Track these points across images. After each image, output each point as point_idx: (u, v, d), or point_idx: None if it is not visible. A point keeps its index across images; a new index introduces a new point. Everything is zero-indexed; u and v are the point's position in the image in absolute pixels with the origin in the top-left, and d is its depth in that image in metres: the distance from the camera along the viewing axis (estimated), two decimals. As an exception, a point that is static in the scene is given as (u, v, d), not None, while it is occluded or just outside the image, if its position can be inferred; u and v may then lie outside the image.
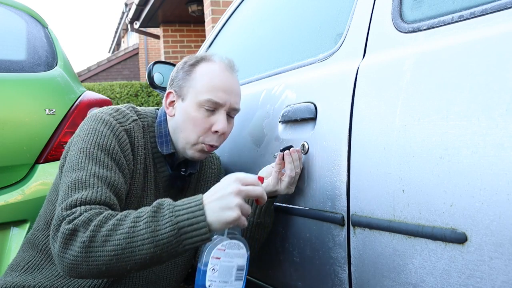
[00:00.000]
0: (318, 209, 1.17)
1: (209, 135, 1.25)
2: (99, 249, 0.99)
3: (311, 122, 1.21)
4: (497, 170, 0.77)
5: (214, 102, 1.23)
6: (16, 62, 1.93)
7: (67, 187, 1.10)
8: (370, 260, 1.02)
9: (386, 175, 0.96)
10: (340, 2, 1.32)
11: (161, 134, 1.29)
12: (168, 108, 1.30)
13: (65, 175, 1.13)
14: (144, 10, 8.21)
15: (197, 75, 1.26)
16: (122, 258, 0.99)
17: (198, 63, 1.28)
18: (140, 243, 0.98)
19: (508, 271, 0.76)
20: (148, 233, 0.98)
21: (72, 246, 1.01)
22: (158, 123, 1.31)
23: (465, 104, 0.83)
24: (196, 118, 1.24)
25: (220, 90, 1.24)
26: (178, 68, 1.32)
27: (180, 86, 1.28)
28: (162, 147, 1.28)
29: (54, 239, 1.04)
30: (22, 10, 2.17)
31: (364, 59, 1.11)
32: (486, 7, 0.87)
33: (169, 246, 0.98)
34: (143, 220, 0.99)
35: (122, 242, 0.98)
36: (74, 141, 1.19)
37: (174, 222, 0.97)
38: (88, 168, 1.12)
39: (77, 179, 1.10)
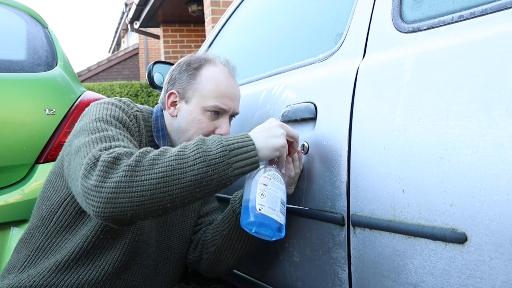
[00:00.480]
0: (318, 209, 1.17)
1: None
2: (146, 172, 0.96)
3: (311, 122, 1.21)
4: (497, 170, 0.77)
5: (220, 108, 1.28)
6: (16, 62, 1.93)
7: (94, 142, 1.05)
8: (370, 260, 1.02)
9: (386, 175, 0.96)
10: (340, 2, 1.32)
11: (157, 128, 1.32)
12: (170, 108, 1.32)
13: (81, 139, 1.08)
14: (144, 10, 8.21)
15: (203, 80, 1.29)
16: (171, 181, 0.96)
17: (202, 67, 1.31)
18: (191, 163, 0.98)
19: (508, 271, 0.76)
20: (200, 153, 0.99)
21: (114, 173, 0.96)
22: (155, 118, 1.33)
23: (465, 104, 0.83)
24: (202, 121, 1.27)
25: (226, 97, 1.28)
26: (180, 68, 1.33)
27: (184, 88, 1.30)
28: (159, 140, 1.30)
29: (88, 176, 0.98)
30: (22, 10, 2.17)
31: (364, 59, 1.11)
32: (486, 7, 0.87)
33: (220, 167, 1.00)
34: (192, 144, 1.02)
35: (172, 163, 0.97)
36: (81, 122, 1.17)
37: (224, 145, 1.02)
38: (112, 129, 1.11)
39: (104, 136, 1.07)
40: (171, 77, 1.35)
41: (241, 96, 1.60)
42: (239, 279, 1.63)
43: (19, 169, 1.79)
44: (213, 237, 1.35)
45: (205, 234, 1.39)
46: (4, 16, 2.12)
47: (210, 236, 1.36)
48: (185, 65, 1.33)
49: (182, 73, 1.32)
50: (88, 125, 1.13)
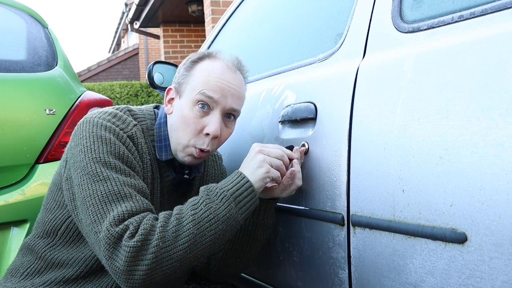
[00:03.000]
0: (318, 209, 1.17)
1: (201, 138, 1.18)
2: (172, 247, 1.01)
3: (311, 122, 1.21)
4: (497, 170, 0.77)
5: (207, 99, 1.16)
6: (16, 62, 1.93)
7: (99, 201, 1.05)
8: (370, 260, 1.02)
9: (386, 175, 0.96)
10: (340, 2, 1.32)
11: (160, 138, 1.24)
12: (167, 106, 1.26)
13: (85, 188, 1.07)
14: (144, 10, 8.21)
15: (196, 72, 1.21)
16: (195, 246, 1.03)
17: (201, 60, 1.23)
18: (207, 225, 1.04)
19: (508, 271, 0.76)
20: (212, 213, 1.05)
21: (143, 257, 0.99)
22: (158, 125, 1.25)
23: (465, 104, 0.83)
24: (189, 117, 1.18)
25: (215, 87, 1.17)
26: (183, 64, 1.27)
27: (179, 82, 1.23)
28: (160, 153, 1.23)
29: (113, 258, 1.01)
30: (22, 10, 2.17)
31: (364, 59, 1.11)
32: (486, 7, 0.87)
33: (231, 219, 1.06)
34: (200, 205, 1.06)
35: (192, 231, 1.03)
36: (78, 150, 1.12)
37: (228, 196, 1.07)
38: (114, 177, 1.08)
39: (108, 191, 1.06)
40: (175, 74, 1.29)
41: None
42: (239, 279, 1.63)
43: (19, 169, 1.79)
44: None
45: None
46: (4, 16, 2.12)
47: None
48: (186, 61, 1.26)
49: (180, 68, 1.26)
50: (87, 165, 1.09)
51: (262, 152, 1.13)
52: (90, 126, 1.14)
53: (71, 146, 1.16)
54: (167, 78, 2.04)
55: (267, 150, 1.14)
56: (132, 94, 9.20)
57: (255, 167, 1.12)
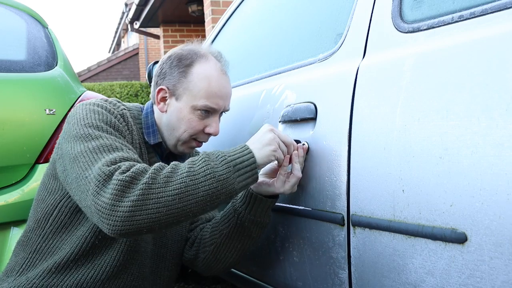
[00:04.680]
0: (318, 209, 1.17)
1: (202, 135, 1.30)
2: (161, 190, 1.01)
3: (311, 122, 1.21)
4: (497, 170, 0.77)
5: (211, 108, 1.27)
6: (16, 62, 1.93)
7: (91, 152, 1.08)
8: (370, 260, 1.02)
9: (386, 175, 0.96)
10: (340, 2, 1.32)
11: (148, 125, 1.31)
12: (160, 104, 1.31)
13: (76, 148, 1.10)
14: (144, 10, 8.21)
15: (194, 78, 1.26)
16: (185, 197, 1.02)
17: (194, 63, 1.28)
18: (203, 179, 1.04)
19: (508, 271, 0.76)
20: (209, 169, 1.05)
21: (130, 192, 0.99)
22: (145, 114, 1.33)
23: (465, 104, 0.83)
24: (192, 120, 1.27)
25: (217, 97, 1.27)
26: (171, 63, 1.30)
27: (174, 85, 1.28)
28: (149, 137, 1.30)
29: (100, 193, 1.00)
30: (22, 10, 2.17)
31: (364, 59, 1.11)
32: (486, 7, 0.86)
33: (227, 182, 1.06)
34: (199, 161, 1.07)
35: (185, 180, 1.02)
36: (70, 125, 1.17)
37: (228, 161, 1.08)
38: (105, 136, 1.12)
39: (100, 144, 1.09)
40: (161, 70, 1.32)
41: (241, 96, 1.61)
42: (239, 279, 1.63)
43: (19, 169, 1.79)
44: (212, 236, 1.34)
45: (203, 232, 1.38)
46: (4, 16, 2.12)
47: (209, 235, 1.35)
48: (176, 60, 1.29)
49: (173, 68, 1.29)
50: (79, 130, 1.13)
51: (273, 131, 1.16)
52: (82, 106, 1.21)
53: (64, 128, 1.21)
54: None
55: (277, 131, 1.17)
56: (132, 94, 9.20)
57: (264, 143, 1.13)
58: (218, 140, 1.63)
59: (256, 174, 1.12)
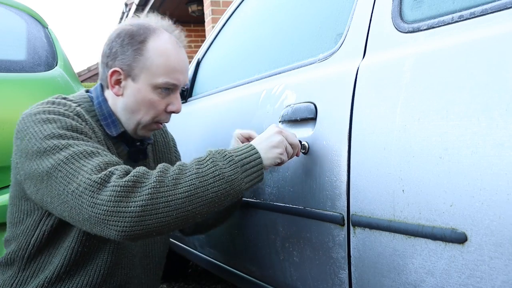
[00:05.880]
0: (318, 209, 1.17)
1: (164, 115, 1.24)
2: (171, 192, 0.97)
3: (311, 122, 1.21)
4: (497, 170, 0.77)
5: (172, 84, 1.20)
6: (16, 62, 1.93)
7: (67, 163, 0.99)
8: (370, 260, 1.02)
9: (386, 175, 0.96)
10: (340, 2, 1.32)
11: (105, 116, 1.23)
12: (114, 87, 1.21)
13: (46, 164, 1.01)
14: (144, 10, 8.21)
15: (151, 55, 1.18)
16: (195, 199, 0.99)
17: (148, 39, 1.19)
18: (212, 180, 1.01)
19: (508, 271, 0.76)
20: (218, 170, 1.03)
21: (136, 196, 0.95)
22: (98, 104, 1.24)
23: (465, 104, 0.83)
24: (153, 100, 1.20)
25: (177, 72, 1.21)
26: (122, 41, 1.19)
27: (129, 65, 1.18)
28: (110, 129, 1.23)
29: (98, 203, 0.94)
30: (22, 10, 2.18)
31: (364, 59, 1.11)
32: (486, 7, 0.86)
33: (235, 183, 1.04)
34: (207, 161, 1.04)
35: (194, 182, 1.00)
36: (25, 142, 1.07)
37: (236, 161, 1.06)
38: (74, 142, 1.04)
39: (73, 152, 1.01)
40: (111, 50, 1.20)
41: (241, 96, 1.61)
42: (239, 279, 1.63)
43: (19, 169, 1.79)
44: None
45: None
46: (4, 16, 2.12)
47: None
48: (127, 37, 1.19)
49: (125, 47, 1.18)
50: (41, 145, 1.04)
51: (281, 133, 1.14)
52: (30, 118, 1.11)
53: (16, 145, 1.11)
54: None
55: (285, 133, 1.15)
56: (132, 94, 9.18)
57: (272, 145, 1.12)
58: (218, 140, 1.63)
59: (263, 173, 1.11)
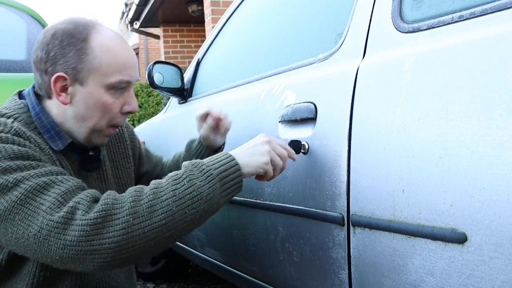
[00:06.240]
0: (318, 209, 1.17)
1: (119, 117, 1.14)
2: (147, 223, 0.92)
3: (311, 122, 1.21)
4: (497, 170, 0.77)
5: (126, 82, 1.11)
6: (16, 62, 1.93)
7: (21, 205, 0.91)
8: (370, 260, 1.02)
9: (386, 175, 0.96)
10: (340, 2, 1.32)
11: (47, 128, 1.10)
12: (60, 95, 1.08)
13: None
14: (144, 10, 8.21)
15: (98, 53, 1.07)
16: (173, 225, 0.94)
17: (90, 36, 1.08)
18: (189, 202, 0.95)
19: (508, 271, 0.76)
20: (196, 190, 0.96)
21: (110, 232, 0.89)
22: (36, 115, 1.11)
23: (465, 104, 0.83)
24: (107, 103, 1.10)
25: (128, 67, 1.11)
26: (60, 42, 1.06)
27: (74, 68, 1.06)
28: (55, 142, 1.10)
29: (68, 241, 0.89)
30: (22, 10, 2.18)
31: (364, 59, 1.11)
32: (486, 7, 0.87)
33: (214, 200, 0.98)
34: (183, 180, 0.97)
35: (171, 206, 0.94)
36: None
37: (214, 175, 0.99)
38: (23, 176, 0.94)
39: (25, 190, 0.92)
40: (49, 54, 1.06)
41: (241, 96, 1.61)
42: (239, 279, 1.63)
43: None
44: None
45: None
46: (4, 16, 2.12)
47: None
48: (67, 37, 1.06)
49: (66, 48, 1.06)
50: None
51: (269, 143, 1.08)
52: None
53: None
54: (167, 78, 2.04)
55: (273, 144, 1.09)
56: (132, 94, 9.20)
57: (256, 153, 1.06)
58: (218, 140, 1.62)
59: (242, 185, 1.05)
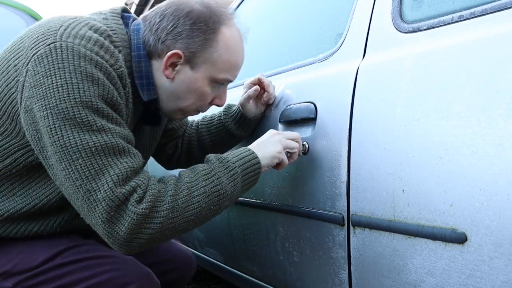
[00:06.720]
0: (318, 209, 1.17)
1: (207, 106, 1.21)
2: (180, 217, 0.98)
3: (311, 122, 1.21)
4: (497, 170, 0.77)
5: (229, 81, 1.17)
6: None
7: (93, 154, 0.93)
8: (370, 260, 1.02)
9: (386, 175, 0.96)
10: (340, 2, 1.32)
11: (141, 75, 1.11)
12: (167, 69, 1.10)
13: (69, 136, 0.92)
14: (144, 10, 8.22)
15: (220, 48, 1.10)
16: (199, 218, 1.02)
17: (220, 29, 1.10)
18: (216, 200, 1.03)
19: (508, 271, 0.76)
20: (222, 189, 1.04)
21: (149, 225, 0.95)
22: (137, 57, 1.10)
23: (465, 104, 0.83)
24: (206, 93, 1.15)
25: (237, 69, 1.18)
26: (192, 25, 1.08)
27: (193, 52, 1.09)
28: (143, 91, 1.12)
29: (113, 221, 0.93)
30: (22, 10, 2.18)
31: (364, 59, 1.11)
32: (486, 7, 0.87)
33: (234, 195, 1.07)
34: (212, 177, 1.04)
35: (201, 204, 1.01)
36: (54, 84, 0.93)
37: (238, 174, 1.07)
38: (109, 128, 0.96)
39: (104, 143, 0.94)
40: (175, 28, 1.07)
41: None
42: (239, 279, 1.63)
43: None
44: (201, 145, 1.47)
45: (191, 144, 1.49)
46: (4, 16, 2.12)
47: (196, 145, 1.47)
48: (201, 22, 1.08)
49: (195, 31, 1.07)
50: (71, 107, 0.92)
51: (278, 134, 1.16)
52: (74, 57, 0.95)
53: (36, 71, 0.94)
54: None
55: (283, 134, 1.17)
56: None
57: (269, 145, 1.14)
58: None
59: (258, 177, 1.13)
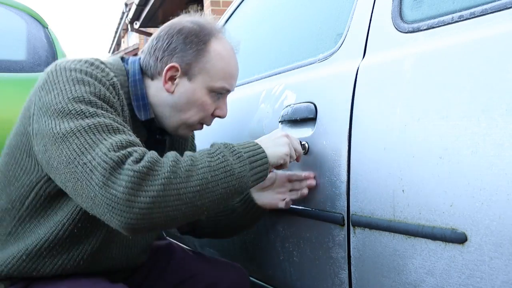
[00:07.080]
0: (318, 209, 1.17)
1: (209, 118, 1.22)
2: (183, 185, 0.93)
3: (311, 122, 1.21)
4: (497, 170, 0.77)
5: (227, 90, 1.20)
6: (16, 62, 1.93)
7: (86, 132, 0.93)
8: (370, 260, 1.02)
9: (386, 175, 0.96)
10: (340, 2, 1.32)
11: (137, 96, 1.15)
12: (167, 83, 1.15)
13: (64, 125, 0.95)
14: (144, 10, 8.21)
15: (212, 58, 1.15)
16: (205, 194, 0.96)
17: (211, 41, 1.16)
18: (222, 175, 0.99)
19: (508, 271, 0.76)
20: (228, 165, 1.00)
21: (148, 185, 0.89)
22: (133, 82, 1.16)
23: (465, 104, 0.83)
24: (206, 103, 1.17)
25: (233, 78, 1.21)
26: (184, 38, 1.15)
27: (188, 63, 1.14)
28: (139, 111, 1.15)
29: (109, 184, 0.88)
30: (22, 10, 2.18)
31: (364, 59, 1.11)
32: (486, 7, 0.87)
33: (243, 178, 1.03)
34: (217, 155, 1.01)
35: (207, 175, 0.96)
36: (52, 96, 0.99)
37: (245, 158, 1.04)
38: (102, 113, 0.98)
39: (99, 123, 0.95)
40: (169, 44, 1.15)
41: (241, 96, 1.61)
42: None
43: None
44: (208, 225, 1.37)
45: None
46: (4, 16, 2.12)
47: (205, 223, 1.37)
48: (192, 36, 1.15)
49: (188, 44, 1.14)
50: (66, 105, 0.97)
51: (287, 137, 1.15)
52: (66, 72, 1.03)
53: (39, 96, 1.01)
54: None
55: (291, 138, 1.16)
56: (132, 94, 9.19)
57: (278, 144, 1.13)
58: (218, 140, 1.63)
59: (267, 173, 1.11)
